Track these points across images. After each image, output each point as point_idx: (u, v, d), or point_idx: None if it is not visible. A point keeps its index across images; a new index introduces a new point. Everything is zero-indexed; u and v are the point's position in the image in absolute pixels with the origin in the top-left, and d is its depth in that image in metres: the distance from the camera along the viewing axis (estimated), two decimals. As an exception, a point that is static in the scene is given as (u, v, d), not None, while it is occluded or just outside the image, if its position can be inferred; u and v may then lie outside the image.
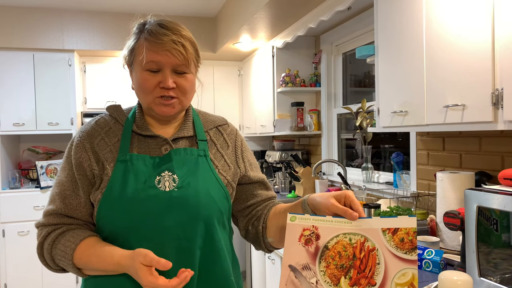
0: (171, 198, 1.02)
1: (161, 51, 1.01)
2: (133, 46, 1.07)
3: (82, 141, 1.08)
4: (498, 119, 1.37)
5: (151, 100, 1.05)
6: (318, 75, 3.53)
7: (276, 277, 2.69)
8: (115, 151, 1.07)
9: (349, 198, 0.91)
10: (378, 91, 2.04)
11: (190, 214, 1.02)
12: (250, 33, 3.39)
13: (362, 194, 2.56)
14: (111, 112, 1.14)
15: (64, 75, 3.84)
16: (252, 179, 1.18)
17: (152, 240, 1.00)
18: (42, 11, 3.78)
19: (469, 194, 1.28)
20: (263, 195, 1.19)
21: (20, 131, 3.76)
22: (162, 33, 1.02)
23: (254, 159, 1.24)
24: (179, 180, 1.04)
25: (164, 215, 1.01)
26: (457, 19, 1.53)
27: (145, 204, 1.00)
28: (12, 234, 3.69)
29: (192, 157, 1.09)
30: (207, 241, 1.05)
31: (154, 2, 3.70)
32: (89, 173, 1.05)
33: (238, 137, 1.22)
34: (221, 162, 1.13)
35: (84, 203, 1.05)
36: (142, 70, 1.04)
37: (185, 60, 1.03)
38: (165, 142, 1.09)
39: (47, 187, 3.80)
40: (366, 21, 2.77)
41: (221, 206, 1.08)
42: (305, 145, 3.92)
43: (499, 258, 1.22)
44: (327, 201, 0.91)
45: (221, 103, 4.41)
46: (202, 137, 1.13)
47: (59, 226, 1.04)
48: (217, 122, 1.20)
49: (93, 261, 0.98)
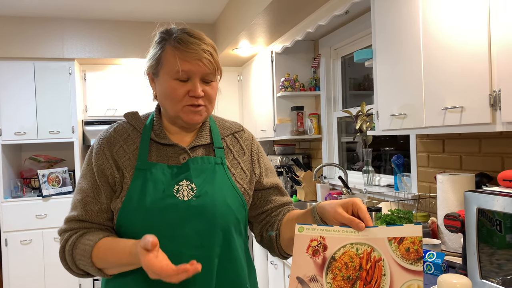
0: (189, 207, 1.03)
1: (193, 60, 1.02)
2: (159, 55, 1.06)
3: (102, 149, 1.09)
4: (496, 121, 1.37)
5: (179, 108, 1.06)
6: (317, 79, 3.54)
7: (279, 282, 2.68)
8: (134, 159, 1.08)
9: (356, 205, 0.90)
10: (376, 94, 2.04)
11: (208, 223, 1.03)
12: (249, 38, 3.40)
13: (363, 197, 2.56)
14: (128, 119, 1.15)
15: (65, 84, 3.86)
16: (265, 185, 1.18)
17: (171, 249, 0.99)
18: (42, 20, 3.81)
19: (468, 196, 1.28)
20: (278, 201, 1.19)
21: (22, 140, 3.77)
22: (192, 42, 1.03)
23: (270, 164, 1.24)
24: (197, 189, 1.05)
25: (183, 224, 1.02)
26: (453, 22, 1.53)
27: (164, 214, 1.02)
28: (15, 243, 3.69)
29: (210, 165, 1.09)
30: (225, 249, 1.06)
31: (154, 10, 3.72)
32: (111, 180, 1.07)
33: (254, 142, 1.22)
34: (237, 170, 1.14)
35: (105, 209, 1.07)
36: (171, 79, 1.04)
37: (213, 69, 1.05)
38: (183, 151, 1.10)
39: (49, 195, 3.81)
40: (364, 25, 2.78)
41: (238, 214, 1.08)
42: (305, 149, 3.92)
43: (503, 259, 1.21)
44: (334, 210, 0.91)
45: (221, 108, 4.42)
46: (219, 145, 1.14)
47: (79, 230, 1.06)
48: (233, 129, 1.20)
49: (109, 255, 0.99)
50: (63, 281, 3.76)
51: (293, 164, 3.62)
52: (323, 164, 3.16)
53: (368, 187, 2.79)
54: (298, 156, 3.71)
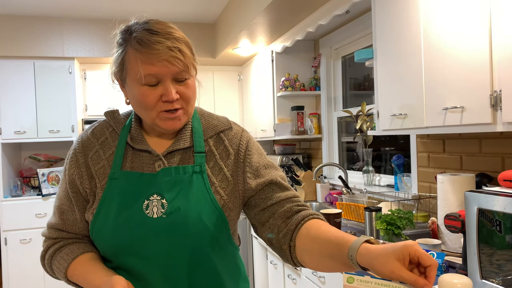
0: (158, 226, 0.95)
1: (158, 62, 0.91)
2: (122, 59, 0.97)
3: (76, 155, 1.04)
4: (497, 121, 1.37)
5: (154, 115, 0.96)
6: (318, 79, 3.54)
7: (278, 281, 2.68)
8: (108, 166, 1.01)
9: (415, 253, 0.72)
10: (377, 94, 2.04)
11: (177, 243, 0.95)
12: (249, 38, 3.40)
13: (363, 197, 2.56)
14: (108, 118, 1.09)
15: (65, 83, 3.86)
16: (255, 188, 1.02)
17: (138, 267, 0.97)
18: (42, 20, 3.80)
19: (469, 196, 1.28)
20: (276, 197, 1.01)
21: (21, 139, 3.77)
22: (154, 41, 0.91)
23: (264, 160, 1.07)
24: (168, 205, 0.96)
25: (150, 243, 0.95)
26: (454, 21, 1.53)
27: (132, 231, 0.95)
28: (14, 242, 3.69)
29: (186, 175, 0.99)
30: (196, 269, 0.99)
31: (153, 9, 3.72)
32: (82, 191, 1.02)
33: (242, 139, 1.07)
34: (219, 177, 1.02)
35: (80, 219, 1.03)
36: (139, 85, 0.94)
37: (185, 66, 0.94)
38: (158, 157, 1.00)
39: (49, 194, 3.81)
40: (365, 25, 2.77)
41: (214, 231, 0.98)
42: (306, 149, 3.92)
43: (503, 260, 1.21)
44: (387, 268, 0.71)
45: (221, 108, 4.42)
46: (200, 149, 1.02)
47: (58, 241, 1.04)
48: (219, 128, 1.07)
49: (81, 281, 0.98)
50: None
51: (293, 164, 3.62)
52: (323, 164, 3.16)
53: (368, 187, 2.79)
54: (298, 156, 3.71)
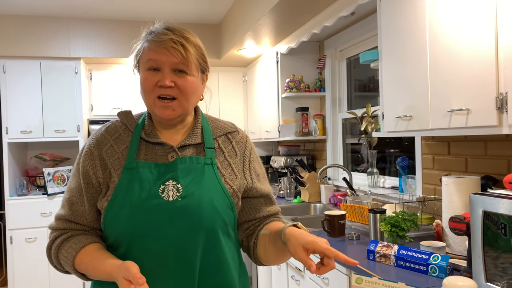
0: (174, 208, 1.01)
1: (160, 49, 1.02)
2: (139, 49, 1.09)
3: (91, 149, 1.09)
4: (502, 123, 1.37)
5: (151, 101, 1.05)
6: (323, 80, 3.54)
7: (282, 283, 2.68)
8: (123, 159, 1.07)
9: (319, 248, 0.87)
10: (382, 96, 2.04)
11: (192, 225, 1.01)
12: (254, 39, 3.40)
13: (367, 199, 2.56)
14: (121, 118, 1.15)
15: (71, 83, 3.88)
16: (259, 191, 1.15)
17: (153, 249, 1.00)
18: (48, 20, 3.83)
19: (474, 199, 1.28)
20: (265, 211, 1.16)
21: (28, 139, 3.80)
22: (163, 33, 1.04)
23: (261, 169, 1.21)
24: (183, 189, 1.03)
25: (166, 225, 1.01)
26: (460, 23, 1.53)
27: (148, 214, 1.01)
28: (20, 241, 3.71)
29: (198, 165, 1.07)
30: (209, 252, 1.04)
31: (159, 10, 3.73)
32: (95, 181, 1.07)
33: (247, 145, 1.19)
34: (228, 171, 1.11)
35: (88, 210, 1.07)
36: (144, 70, 1.06)
37: (184, 59, 1.03)
38: (172, 149, 1.08)
39: (54, 194, 3.83)
40: (370, 26, 2.77)
41: (225, 216, 1.06)
42: (310, 150, 3.92)
43: (508, 263, 1.20)
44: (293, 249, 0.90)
45: (226, 108, 4.42)
46: (210, 145, 1.12)
47: (66, 231, 1.07)
48: (227, 129, 1.18)
49: (90, 269, 1.00)
50: (67, 279, 3.78)
51: (297, 165, 3.62)
52: (327, 165, 3.16)
53: (373, 188, 2.78)
54: (302, 157, 3.71)
